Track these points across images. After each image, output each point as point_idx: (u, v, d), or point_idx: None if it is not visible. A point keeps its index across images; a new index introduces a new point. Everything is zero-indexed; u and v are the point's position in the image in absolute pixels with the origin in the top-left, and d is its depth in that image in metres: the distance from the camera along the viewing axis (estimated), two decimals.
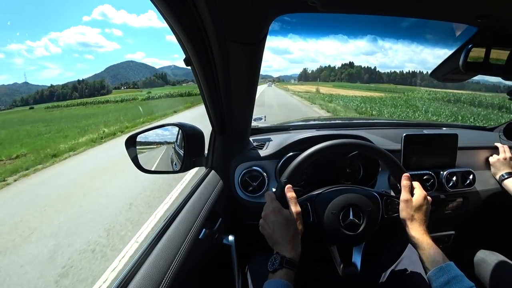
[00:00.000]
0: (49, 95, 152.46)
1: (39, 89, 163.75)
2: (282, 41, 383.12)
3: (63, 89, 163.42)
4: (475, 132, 1.40)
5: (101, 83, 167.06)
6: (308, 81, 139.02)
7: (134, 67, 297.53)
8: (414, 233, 0.63)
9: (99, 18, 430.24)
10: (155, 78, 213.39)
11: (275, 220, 0.61)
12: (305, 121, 1.60)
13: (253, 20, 0.49)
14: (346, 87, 65.10)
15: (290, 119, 1.68)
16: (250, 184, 0.92)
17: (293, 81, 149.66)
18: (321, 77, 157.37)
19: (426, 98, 26.57)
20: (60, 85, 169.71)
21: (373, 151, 0.72)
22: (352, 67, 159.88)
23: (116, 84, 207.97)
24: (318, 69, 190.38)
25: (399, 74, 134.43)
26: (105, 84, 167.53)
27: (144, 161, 0.81)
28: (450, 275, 0.54)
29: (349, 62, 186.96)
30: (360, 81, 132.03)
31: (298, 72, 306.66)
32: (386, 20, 1.74)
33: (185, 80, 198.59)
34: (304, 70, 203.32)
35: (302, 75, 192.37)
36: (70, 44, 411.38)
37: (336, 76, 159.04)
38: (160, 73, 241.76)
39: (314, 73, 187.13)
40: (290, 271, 0.56)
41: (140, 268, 0.47)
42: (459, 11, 0.51)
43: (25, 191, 4.78)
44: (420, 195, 0.67)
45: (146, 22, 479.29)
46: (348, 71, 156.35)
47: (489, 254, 1.01)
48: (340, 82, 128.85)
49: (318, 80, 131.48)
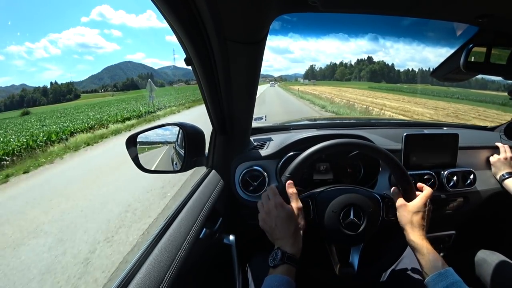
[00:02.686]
0: (19, 100, 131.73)
1: (15, 93, 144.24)
2: (282, 41, 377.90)
3: (34, 93, 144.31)
4: (475, 131, 1.39)
5: (68, 86, 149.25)
6: (315, 79, 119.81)
7: (132, 68, 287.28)
8: (414, 238, 0.63)
9: (97, 18, 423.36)
10: (139, 78, 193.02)
11: (277, 215, 0.61)
12: (305, 121, 1.60)
13: (254, 20, 0.49)
14: (384, 90, 48.18)
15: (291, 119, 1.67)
16: (250, 183, 0.92)
17: (302, 80, 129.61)
18: (336, 76, 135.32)
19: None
20: (32, 89, 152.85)
21: (376, 151, 0.72)
22: (373, 62, 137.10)
23: (95, 87, 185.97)
24: (328, 66, 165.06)
25: (411, 72, 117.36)
26: (72, 88, 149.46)
27: (144, 161, 0.81)
28: (449, 280, 0.54)
29: (368, 57, 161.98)
30: (385, 81, 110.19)
31: (300, 72, 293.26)
32: (387, 18, 1.74)
33: (179, 80, 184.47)
34: (311, 67, 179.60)
35: (308, 74, 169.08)
36: (70, 46, 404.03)
37: (352, 74, 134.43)
38: (145, 73, 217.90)
39: (322, 70, 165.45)
40: (291, 267, 0.56)
41: (140, 267, 0.47)
42: (460, 10, 0.51)
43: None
44: (420, 200, 0.67)
45: (145, 22, 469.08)
46: (370, 68, 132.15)
47: (489, 254, 1.01)
48: (359, 81, 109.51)
49: (331, 79, 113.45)
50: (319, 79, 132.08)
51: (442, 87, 44.12)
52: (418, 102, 27.97)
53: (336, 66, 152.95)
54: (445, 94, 39.60)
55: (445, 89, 44.38)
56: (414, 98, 31.97)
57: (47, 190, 4.60)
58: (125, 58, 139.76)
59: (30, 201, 4.12)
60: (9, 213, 3.72)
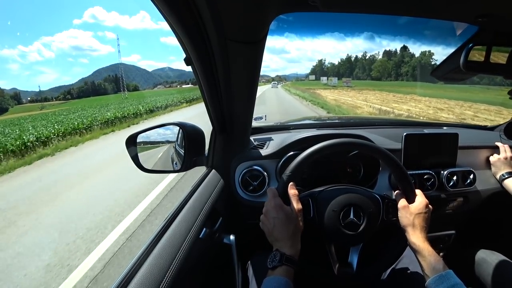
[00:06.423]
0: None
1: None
2: (278, 41, 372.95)
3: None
4: (475, 131, 1.39)
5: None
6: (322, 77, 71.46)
7: (124, 70, 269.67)
8: (415, 240, 0.63)
9: (90, 20, 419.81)
10: (103, 82, 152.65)
11: (276, 217, 0.61)
12: (305, 121, 1.60)
13: (254, 19, 0.49)
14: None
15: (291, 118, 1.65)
16: (250, 183, 0.92)
17: (325, 80, 64.37)
18: (373, 73, 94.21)
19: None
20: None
21: (376, 151, 0.72)
22: (409, 56, 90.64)
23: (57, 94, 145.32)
24: (344, 61, 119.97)
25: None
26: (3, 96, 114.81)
27: (144, 160, 0.81)
28: (450, 283, 0.54)
29: (404, 45, 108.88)
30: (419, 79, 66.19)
31: (297, 72, 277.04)
32: (383, 17, 1.71)
33: (172, 82, 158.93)
34: (320, 62, 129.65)
35: (316, 71, 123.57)
36: (63, 49, 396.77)
37: (384, 73, 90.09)
38: (113, 75, 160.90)
39: (336, 67, 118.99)
40: (289, 268, 0.56)
41: (140, 267, 0.47)
42: (460, 10, 0.51)
43: None
44: (421, 202, 0.67)
45: (139, 24, 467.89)
46: (412, 64, 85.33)
47: (489, 254, 1.01)
48: (395, 80, 76.30)
49: (367, 78, 75.25)
50: (330, 75, 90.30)
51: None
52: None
53: (357, 60, 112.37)
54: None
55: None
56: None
57: None
58: (119, 61, 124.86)
59: None
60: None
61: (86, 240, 2.64)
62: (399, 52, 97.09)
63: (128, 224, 2.85)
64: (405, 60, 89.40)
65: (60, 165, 6.60)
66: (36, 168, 6.60)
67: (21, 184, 5.15)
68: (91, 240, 2.63)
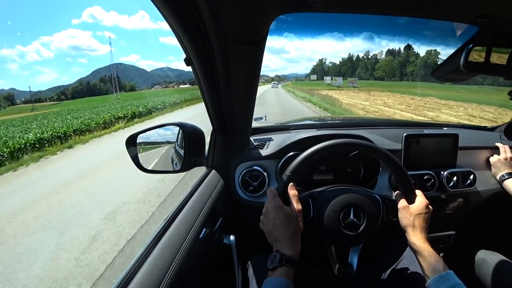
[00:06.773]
0: None
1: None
2: (278, 41, 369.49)
3: None
4: (475, 132, 1.39)
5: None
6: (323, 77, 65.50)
7: (122, 70, 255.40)
8: (415, 240, 0.63)
9: (89, 20, 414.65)
10: (98, 82, 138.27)
11: (276, 217, 0.61)
12: (305, 121, 1.60)
13: (254, 20, 0.49)
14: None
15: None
16: (250, 183, 0.92)
17: (328, 79, 59.93)
18: (377, 73, 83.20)
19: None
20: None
21: (376, 151, 0.72)
22: (414, 55, 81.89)
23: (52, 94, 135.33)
24: (346, 60, 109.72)
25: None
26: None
27: (144, 161, 0.81)
28: (450, 283, 0.54)
29: (408, 44, 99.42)
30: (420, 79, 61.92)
31: (296, 72, 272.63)
32: (382, 17, 1.72)
33: (170, 82, 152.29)
34: (320, 61, 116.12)
35: (317, 70, 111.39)
36: (62, 49, 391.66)
37: (389, 73, 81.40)
38: (109, 75, 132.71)
39: (337, 66, 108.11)
40: (289, 269, 0.56)
41: (140, 267, 0.47)
42: (460, 11, 0.51)
43: None
44: (421, 203, 0.67)
45: (138, 23, 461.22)
46: (418, 63, 77.02)
47: (489, 254, 1.01)
48: (402, 81, 69.19)
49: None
50: (333, 75, 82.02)
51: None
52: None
53: (360, 60, 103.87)
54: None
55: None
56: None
57: None
58: (119, 60, 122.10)
59: None
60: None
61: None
62: (403, 51, 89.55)
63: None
64: (410, 59, 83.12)
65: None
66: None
67: None
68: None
